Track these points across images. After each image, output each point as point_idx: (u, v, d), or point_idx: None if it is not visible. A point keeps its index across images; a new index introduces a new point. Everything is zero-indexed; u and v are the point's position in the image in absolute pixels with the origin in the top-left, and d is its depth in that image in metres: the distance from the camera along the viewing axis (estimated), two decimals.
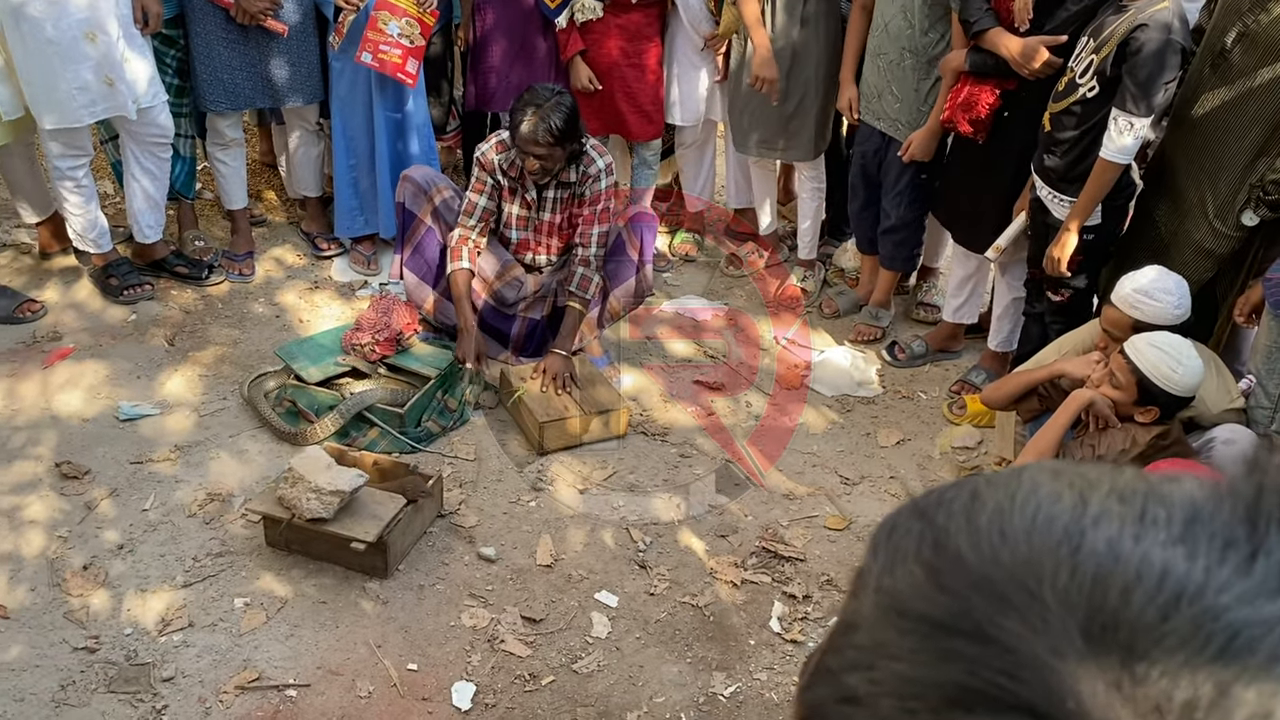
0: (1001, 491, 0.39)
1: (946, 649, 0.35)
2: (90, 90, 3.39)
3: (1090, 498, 0.37)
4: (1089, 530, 0.36)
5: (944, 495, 0.41)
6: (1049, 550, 0.36)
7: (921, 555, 0.38)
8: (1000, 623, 0.34)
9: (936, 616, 0.36)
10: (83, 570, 2.70)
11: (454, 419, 3.35)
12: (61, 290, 3.89)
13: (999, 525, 0.37)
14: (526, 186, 3.52)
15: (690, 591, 2.80)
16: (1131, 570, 0.34)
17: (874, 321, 4.08)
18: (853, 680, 0.37)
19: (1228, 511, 0.36)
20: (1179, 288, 2.77)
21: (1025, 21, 3.16)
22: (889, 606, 0.38)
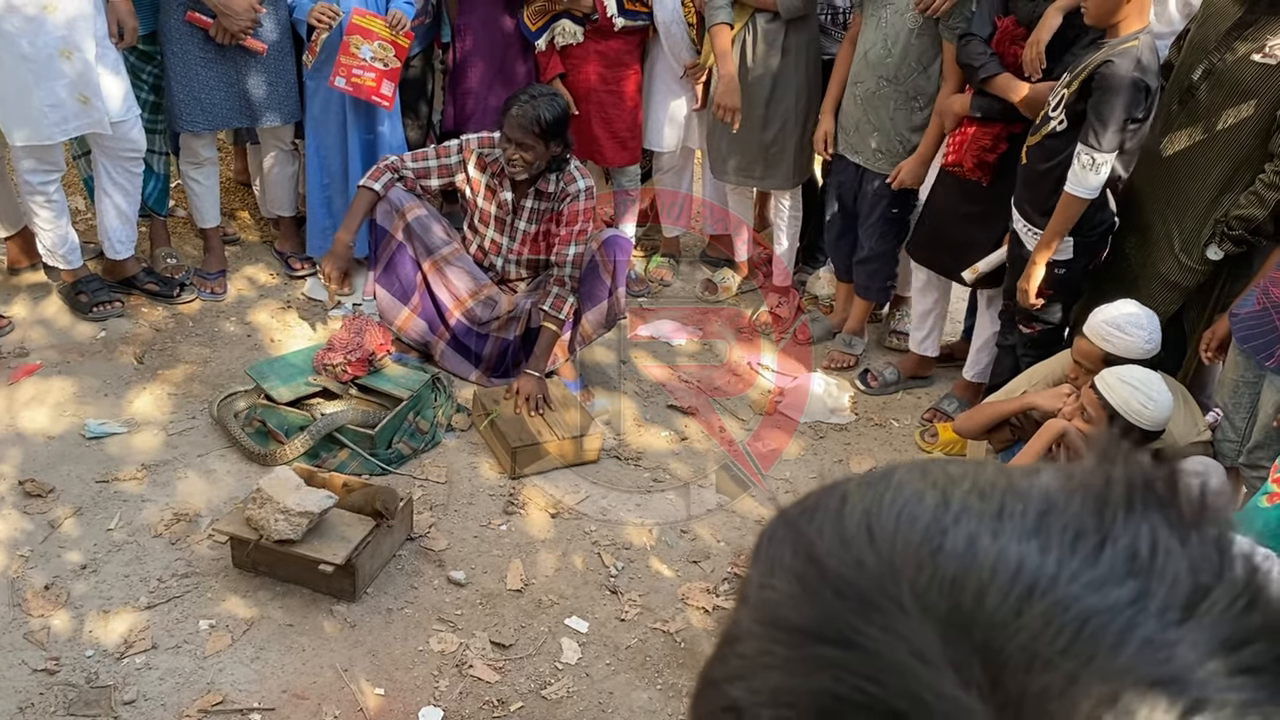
0: (870, 494, 0.40)
1: (815, 657, 0.36)
2: (64, 108, 3.36)
3: (952, 496, 0.38)
4: (950, 529, 0.37)
5: (814, 502, 0.42)
6: (911, 552, 0.37)
7: (792, 565, 0.39)
8: (863, 629, 0.35)
9: (805, 625, 0.37)
10: (44, 590, 2.65)
11: (425, 441, 3.33)
12: (30, 306, 3.84)
13: (866, 527, 0.38)
14: (504, 185, 3.53)
15: (661, 617, 2.79)
16: (988, 567, 0.35)
17: (848, 349, 4.11)
18: (734, 691, 0.38)
19: (1078, 503, 0.37)
20: (1150, 322, 2.81)
21: (1037, 71, 3.17)
22: (764, 617, 0.39)
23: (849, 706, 0.34)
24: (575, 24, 3.99)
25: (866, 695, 0.34)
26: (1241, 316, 2.63)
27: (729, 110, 3.92)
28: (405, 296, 3.68)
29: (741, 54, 3.93)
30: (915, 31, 3.50)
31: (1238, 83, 2.83)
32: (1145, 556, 0.35)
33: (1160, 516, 0.37)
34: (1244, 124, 2.85)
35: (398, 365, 3.51)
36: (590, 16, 3.97)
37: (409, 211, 3.60)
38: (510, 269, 3.72)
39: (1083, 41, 3.14)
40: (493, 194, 3.58)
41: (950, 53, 3.46)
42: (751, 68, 3.92)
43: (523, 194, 3.57)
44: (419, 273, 3.67)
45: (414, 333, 3.72)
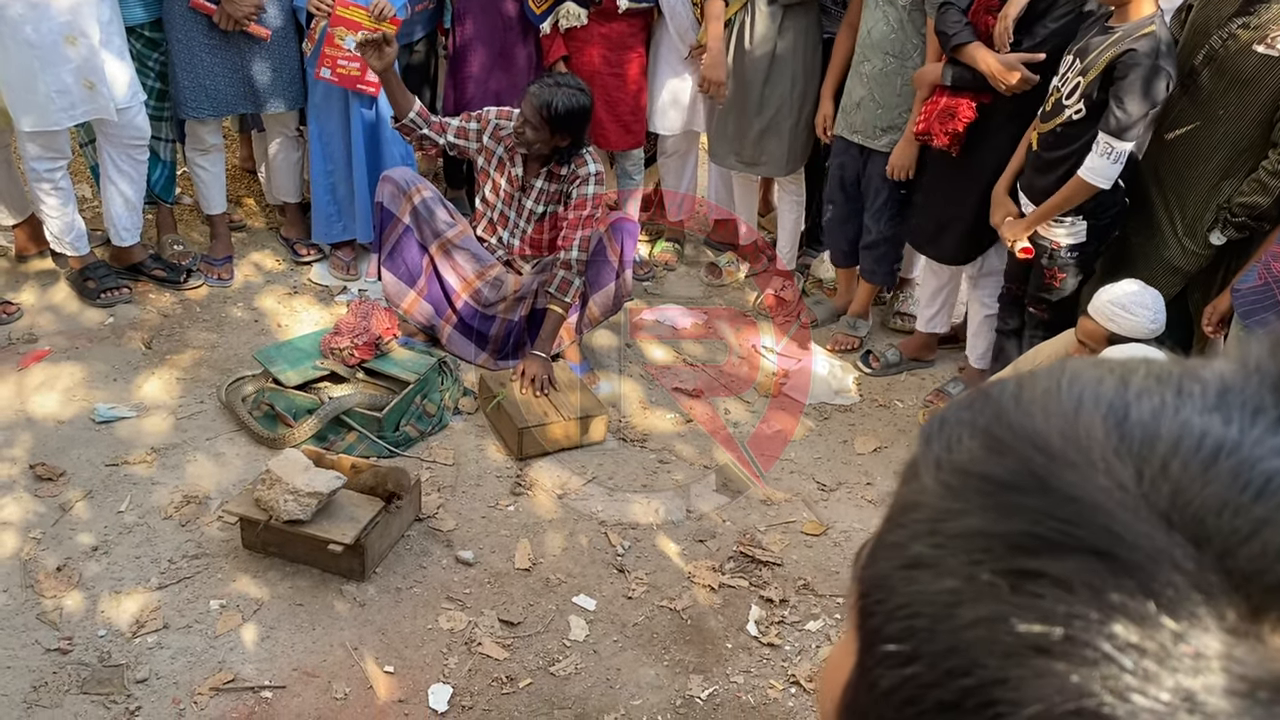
0: (1046, 379, 0.42)
1: (1010, 503, 0.38)
2: (70, 93, 3.38)
3: (1131, 379, 0.40)
4: (1133, 404, 0.39)
5: (989, 388, 0.44)
6: (1098, 420, 0.39)
7: (978, 429, 0.41)
8: (1060, 475, 0.37)
9: (999, 475, 0.39)
10: (56, 571, 2.68)
11: (432, 424, 3.35)
12: (38, 293, 3.87)
13: (1047, 403, 0.40)
14: (515, 161, 3.55)
15: (668, 595, 2.81)
16: (1175, 433, 0.37)
17: (852, 331, 4.12)
18: (917, 547, 0.40)
19: (1255, 384, 0.39)
20: (1155, 302, 2.81)
21: (1005, 45, 3.20)
22: (952, 476, 0.41)
23: (1045, 545, 0.36)
24: (579, 6, 3.99)
25: (1064, 535, 0.36)
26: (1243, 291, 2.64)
27: (713, 84, 3.93)
28: (411, 280, 3.69)
29: (740, 35, 3.94)
30: (908, 8, 3.51)
31: (1239, 72, 2.83)
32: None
33: None
34: (1246, 112, 2.85)
35: (404, 349, 3.53)
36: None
37: (416, 194, 3.61)
38: (518, 245, 3.73)
39: (1054, 15, 3.15)
40: (504, 167, 3.61)
41: (932, 26, 3.47)
42: (749, 50, 3.93)
43: (534, 172, 3.59)
44: (425, 256, 3.68)
45: (420, 316, 3.74)
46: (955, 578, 0.38)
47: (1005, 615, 0.36)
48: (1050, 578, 0.35)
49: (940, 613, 0.38)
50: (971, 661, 0.36)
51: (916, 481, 0.43)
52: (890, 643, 0.39)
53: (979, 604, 0.37)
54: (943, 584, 0.38)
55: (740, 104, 4.01)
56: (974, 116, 3.34)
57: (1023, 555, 0.36)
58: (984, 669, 0.36)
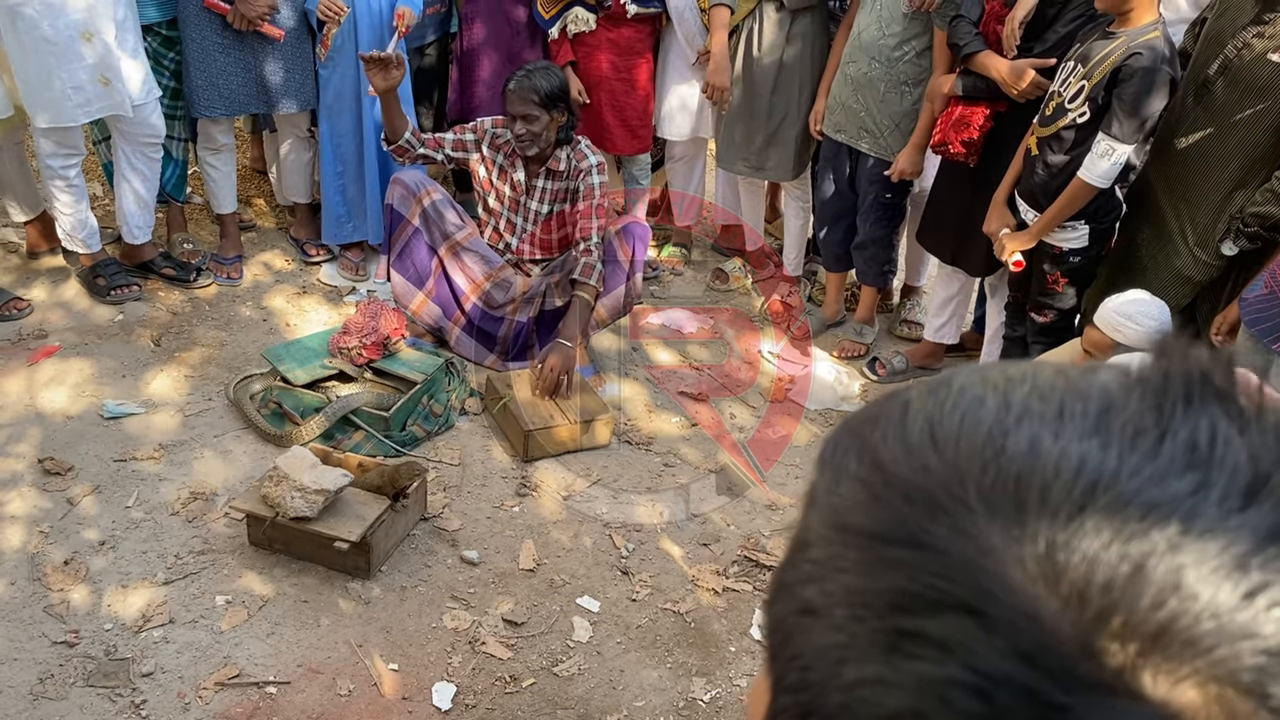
0: (931, 400, 0.41)
1: (886, 558, 0.37)
2: (85, 90, 3.40)
3: (1013, 398, 0.39)
4: (1012, 431, 0.38)
5: (878, 411, 0.43)
6: (975, 454, 0.37)
7: (858, 472, 0.40)
8: (931, 529, 0.36)
9: (874, 529, 0.38)
10: (63, 565, 2.69)
11: (439, 424, 3.36)
12: (49, 289, 3.89)
13: (929, 433, 0.39)
14: (516, 166, 3.57)
15: (672, 598, 2.82)
16: (1050, 466, 0.36)
17: (858, 338, 4.12)
18: (808, 593, 0.39)
19: (1137, 399, 0.38)
20: (1161, 312, 2.81)
21: (1013, 48, 3.22)
22: (832, 523, 0.40)
23: (921, 603, 0.35)
24: (588, 11, 4.01)
25: (938, 591, 0.35)
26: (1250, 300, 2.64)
27: (717, 90, 3.96)
28: (420, 281, 3.71)
29: (748, 42, 3.95)
30: (909, 15, 3.52)
31: (1254, 81, 2.84)
32: (1204, 448, 0.36)
33: (1219, 408, 0.37)
34: (1260, 122, 2.86)
35: (412, 349, 3.55)
36: (603, 3, 4.00)
37: (425, 196, 3.63)
38: (526, 248, 3.76)
39: (1064, 20, 3.17)
40: (505, 175, 3.63)
41: (941, 38, 3.48)
42: (758, 56, 3.94)
43: (535, 174, 3.61)
44: (434, 258, 3.70)
45: (428, 318, 3.75)
46: (841, 632, 0.37)
47: (884, 679, 0.35)
48: (927, 638, 0.35)
49: (829, 669, 0.37)
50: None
51: (810, 515, 0.42)
52: (789, 693, 0.39)
53: (863, 664, 0.36)
54: (831, 638, 0.37)
55: (748, 109, 4.02)
56: (989, 125, 3.35)
57: (900, 614, 0.35)
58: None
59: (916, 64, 3.59)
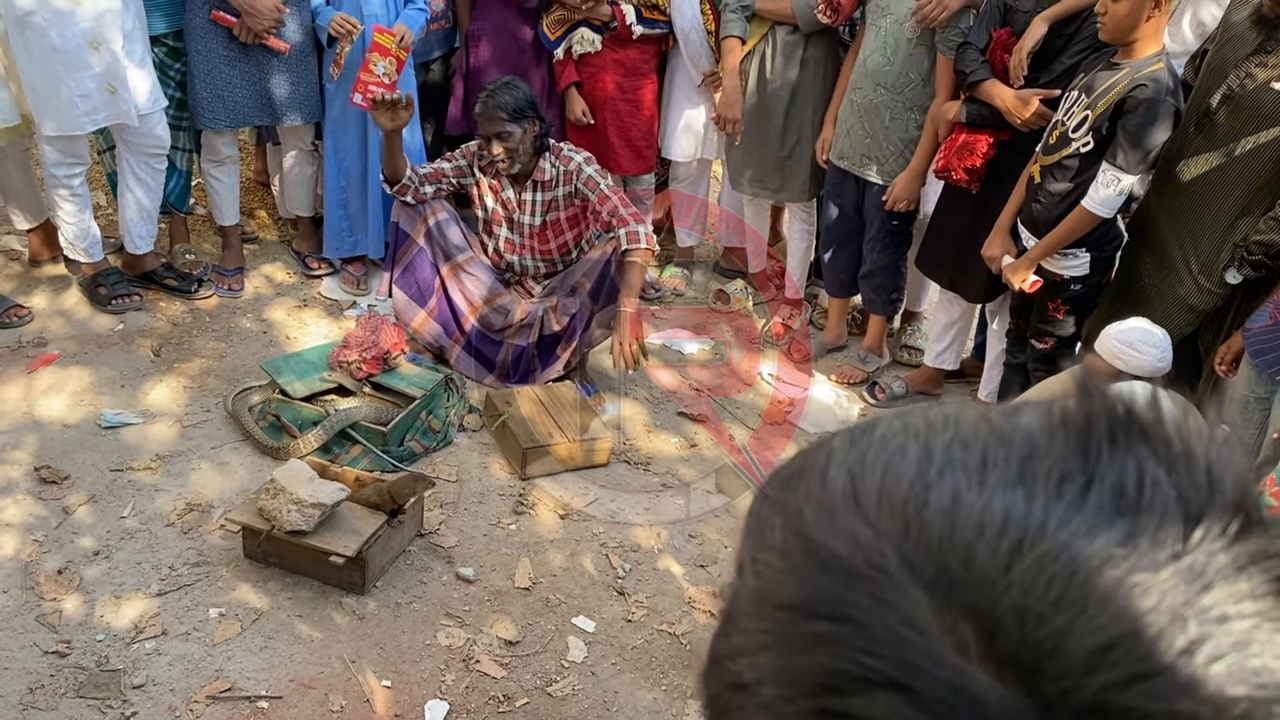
0: (854, 451, 0.39)
1: (810, 633, 0.35)
2: (92, 98, 3.41)
3: (934, 447, 0.37)
4: (934, 484, 0.36)
5: (799, 466, 0.41)
6: (896, 514, 0.36)
7: (779, 541, 0.39)
8: (854, 601, 0.35)
9: (796, 602, 0.36)
10: (57, 574, 2.68)
11: (437, 440, 3.35)
12: (50, 297, 3.89)
13: (851, 491, 0.37)
14: (505, 185, 3.59)
15: (668, 619, 2.80)
16: (974, 523, 0.34)
17: (861, 365, 4.12)
18: (737, 667, 0.38)
19: (1061, 442, 0.36)
20: (1162, 341, 2.81)
21: (1020, 78, 3.23)
22: (756, 595, 0.38)
23: (848, 681, 0.33)
24: (594, 32, 4.03)
25: (864, 668, 0.33)
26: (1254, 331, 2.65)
27: (729, 121, 3.97)
28: (422, 299, 3.71)
29: (760, 66, 3.97)
30: (913, 42, 3.54)
31: (1257, 109, 2.85)
32: (1133, 492, 0.34)
33: (1145, 448, 0.35)
34: (1263, 150, 2.87)
35: (412, 364, 3.54)
36: (609, 25, 4.01)
37: (431, 215, 3.64)
38: (528, 265, 3.77)
39: (1071, 51, 3.19)
40: (497, 194, 3.65)
41: (943, 64, 3.50)
42: (770, 79, 3.96)
43: (522, 188, 3.62)
44: (437, 276, 3.71)
45: (429, 335, 3.75)
46: (770, 713, 0.36)
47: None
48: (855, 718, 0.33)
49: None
50: None
51: (738, 581, 0.41)
52: None
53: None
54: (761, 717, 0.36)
55: (762, 132, 4.03)
56: (992, 153, 3.36)
57: (827, 694, 0.34)
58: None
59: (921, 91, 3.60)
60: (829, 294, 4.22)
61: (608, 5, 3.97)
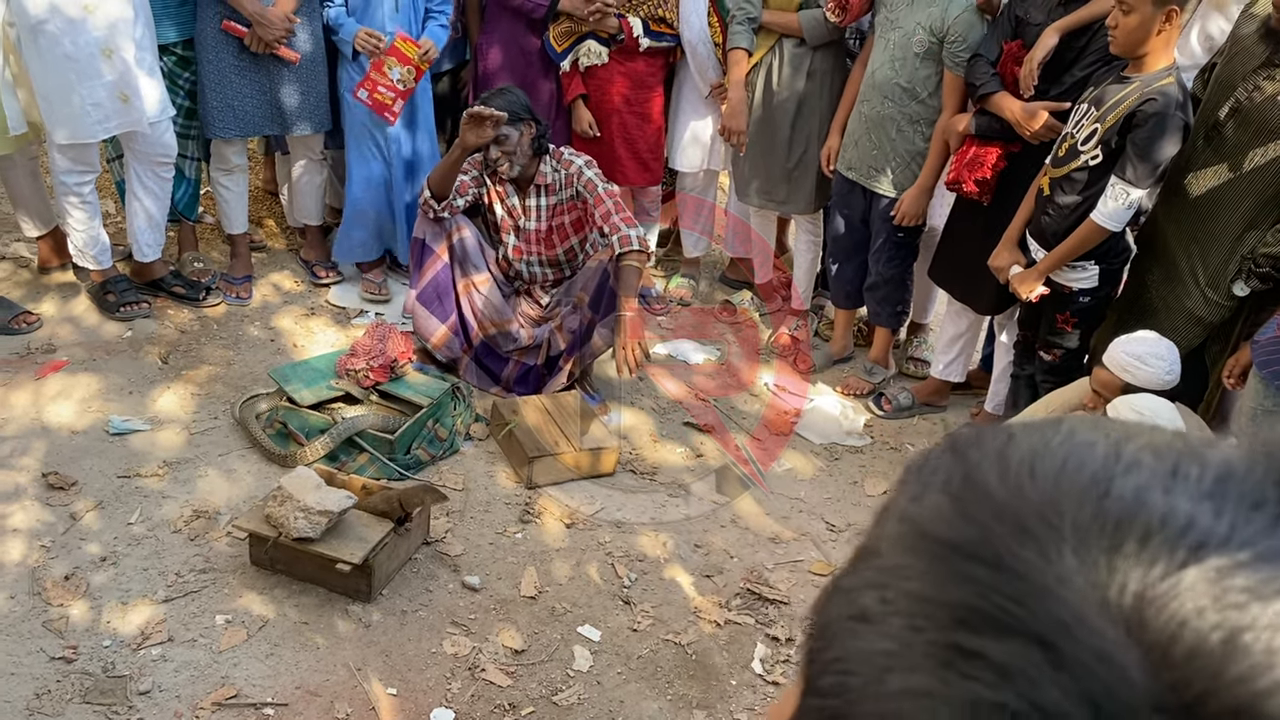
0: (1037, 436, 0.40)
1: (961, 572, 0.36)
2: (104, 106, 3.43)
3: (1124, 449, 0.38)
4: (1118, 478, 0.36)
5: (980, 434, 0.42)
6: (1076, 491, 0.36)
7: (949, 486, 0.39)
8: (1017, 552, 0.35)
9: (955, 541, 0.37)
10: (64, 580, 2.68)
11: (444, 448, 3.35)
12: (58, 304, 3.90)
13: (1030, 464, 0.38)
14: (509, 192, 3.61)
15: (673, 629, 2.80)
16: (1156, 518, 0.35)
17: (867, 377, 4.12)
18: (866, 599, 0.38)
19: (1260, 473, 0.36)
20: (1170, 353, 2.81)
21: (1030, 88, 3.24)
22: (910, 531, 0.39)
23: (988, 624, 0.34)
24: (601, 45, 4.05)
25: (1010, 615, 0.34)
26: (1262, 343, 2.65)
27: (734, 133, 3.99)
28: (444, 315, 3.70)
29: (767, 78, 3.98)
30: (921, 56, 3.54)
31: (1265, 122, 2.86)
32: None
33: None
34: (1271, 163, 2.88)
35: (419, 373, 3.55)
36: (616, 37, 4.03)
37: (455, 233, 3.65)
38: (536, 272, 3.78)
39: (1081, 64, 3.19)
40: (504, 201, 3.66)
41: (950, 79, 3.51)
42: (777, 91, 3.97)
43: (525, 194, 3.63)
44: (454, 291, 3.72)
45: (447, 350, 3.75)
46: (893, 640, 0.36)
47: (931, 693, 0.34)
48: (987, 660, 0.33)
49: (872, 675, 0.36)
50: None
51: (884, 525, 0.41)
52: (822, 696, 0.38)
53: (911, 675, 0.35)
54: (881, 644, 0.36)
55: (768, 143, 4.04)
56: (1002, 165, 3.37)
57: (963, 630, 0.34)
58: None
59: (928, 105, 3.61)
60: (835, 305, 4.23)
61: (615, 18, 3.99)
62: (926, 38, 3.50)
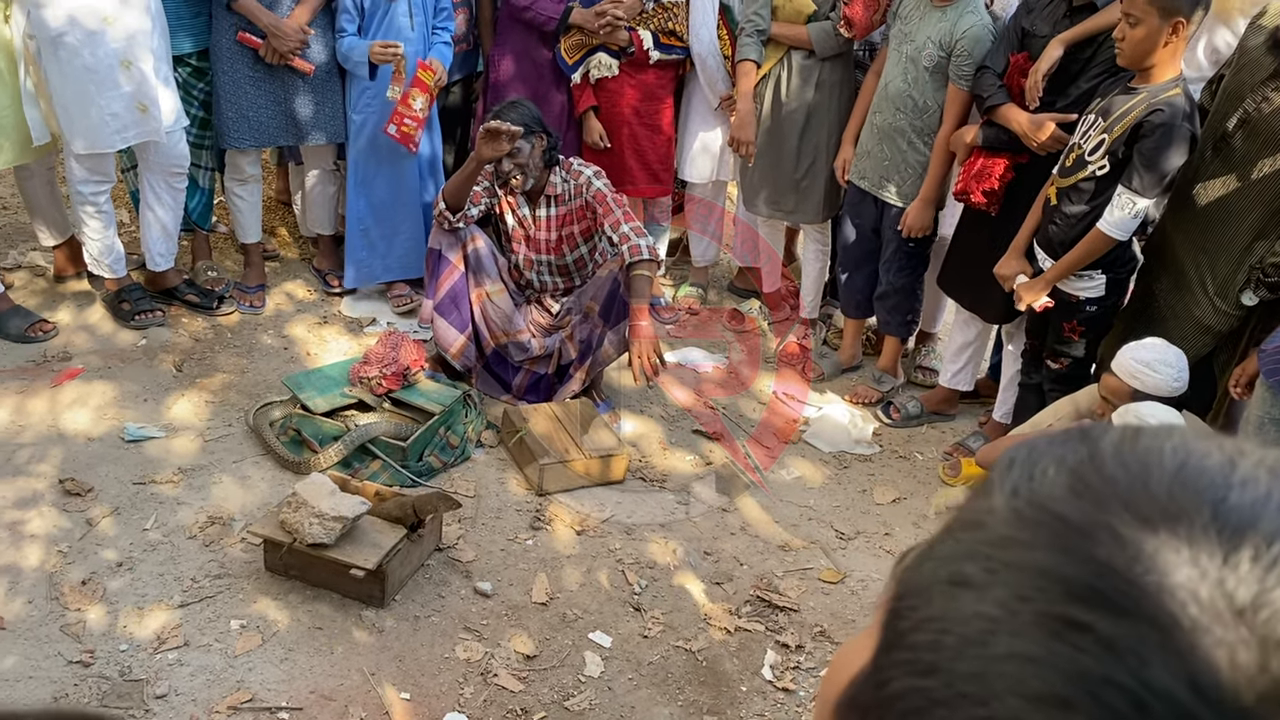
0: (1152, 438, 0.41)
1: (1078, 548, 0.37)
2: (122, 117, 3.47)
3: (1240, 463, 0.39)
4: (1235, 487, 0.37)
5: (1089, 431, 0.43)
6: (1194, 494, 0.37)
7: (1068, 466, 0.40)
8: (1139, 535, 0.36)
9: (1075, 518, 0.38)
10: (81, 585, 2.71)
11: (456, 455, 3.38)
12: (74, 312, 3.94)
13: (1148, 460, 0.39)
14: (520, 203, 3.66)
15: (684, 636, 2.82)
16: (1271, 529, 0.36)
17: (876, 385, 4.13)
18: (967, 567, 0.39)
19: None
20: (1179, 361, 2.83)
21: (1035, 100, 3.27)
22: (1025, 506, 0.40)
23: (1104, 602, 0.35)
24: (611, 57, 4.08)
25: (1124, 595, 0.35)
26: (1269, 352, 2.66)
27: (742, 144, 4.02)
28: (462, 325, 3.72)
29: (776, 89, 4.01)
30: (930, 70, 3.57)
31: (1273, 133, 2.88)
32: None
33: None
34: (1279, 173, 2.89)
35: (431, 381, 3.58)
36: (627, 50, 4.07)
37: (470, 243, 3.68)
38: (547, 280, 3.81)
39: (1087, 75, 3.22)
40: (514, 211, 3.69)
41: (954, 92, 3.54)
42: (785, 102, 4.00)
43: (536, 205, 3.66)
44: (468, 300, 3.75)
45: (465, 359, 3.77)
46: (998, 607, 0.37)
47: (1037, 659, 0.35)
48: (1096, 634, 0.34)
49: (974, 636, 0.37)
50: (991, 694, 0.35)
51: (986, 500, 0.42)
52: (914, 650, 0.39)
53: (1017, 640, 0.36)
54: (983, 608, 0.37)
55: (776, 154, 4.07)
56: (1010, 176, 3.39)
57: (1075, 603, 0.35)
58: (1003, 704, 0.35)
59: (938, 118, 3.64)
60: (844, 314, 4.25)
61: (625, 31, 4.02)
62: (935, 52, 3.53)
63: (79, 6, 3.32)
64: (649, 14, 4.04)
